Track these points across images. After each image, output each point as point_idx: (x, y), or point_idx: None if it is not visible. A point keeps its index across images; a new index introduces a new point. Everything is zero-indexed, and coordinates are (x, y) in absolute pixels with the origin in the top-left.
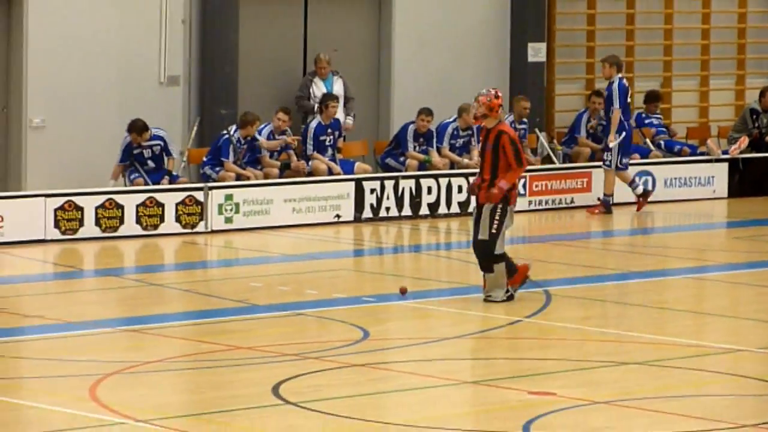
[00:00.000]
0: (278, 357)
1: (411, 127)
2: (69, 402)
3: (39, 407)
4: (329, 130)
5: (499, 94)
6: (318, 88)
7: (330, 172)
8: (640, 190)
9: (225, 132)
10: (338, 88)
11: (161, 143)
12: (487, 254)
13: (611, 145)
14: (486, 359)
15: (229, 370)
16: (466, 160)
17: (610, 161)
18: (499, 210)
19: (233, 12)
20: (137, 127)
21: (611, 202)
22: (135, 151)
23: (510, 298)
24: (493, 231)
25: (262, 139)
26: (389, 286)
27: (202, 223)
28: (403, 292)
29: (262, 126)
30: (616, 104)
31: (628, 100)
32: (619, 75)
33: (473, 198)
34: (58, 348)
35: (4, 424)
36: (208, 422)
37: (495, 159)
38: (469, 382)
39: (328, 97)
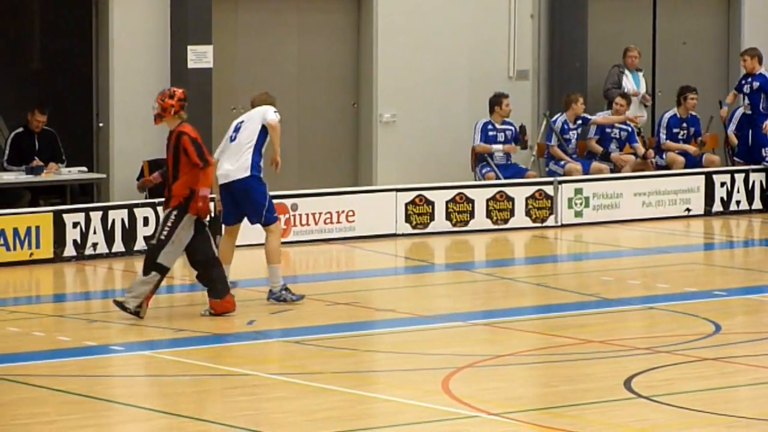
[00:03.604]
0: (630, 351)
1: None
2: (421, 395)
3: (392, 400)
4: (684, 124)
5: (176, 94)
6: (628, 81)
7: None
8: None
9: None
10: (642, 83)
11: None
12: (150, 258)
13: None
14: None
15: (581, 364)
16: None
17: None
18: (173, 217)
19: (582, 6)
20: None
21: None
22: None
23: (136, 313)
24: (161, 237)
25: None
26: (740, 280)
27: (552, 217)
28: None
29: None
30: None
31: None
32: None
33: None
34: (410, 341)
35: (357, 417)
36: (559, 416)
37: (176, 161)
38: None
39: (687, 90)
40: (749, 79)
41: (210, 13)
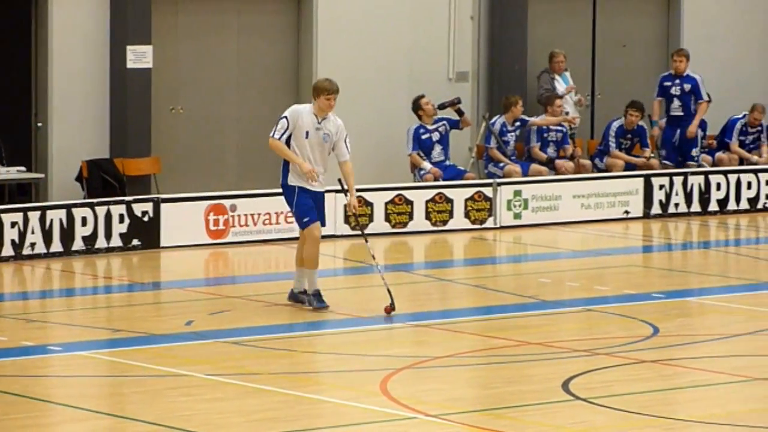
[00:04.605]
0: (568, 353)
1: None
2: (360, 397)
3: (330, 401)
4: (629, 135)
5: None
6: (560, 84)
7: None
8: None
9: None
10: (571, 84)
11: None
12: None
13: None
14: None
15: (520, 366)
16: (755, 157)
17: None
18: None
19: (522, 8)
20: None
21: None
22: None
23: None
24: None
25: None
26: (678, 282)
27: (491, 219)
28: (389, 311)
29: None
30: None
31: None
32: None
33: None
34: (349, 343)
35: (296, 418)
36: (498, 417)
37: None
38: (759, 378)
39: (630, 105)
40: (677, 81)
41: (150, 14)
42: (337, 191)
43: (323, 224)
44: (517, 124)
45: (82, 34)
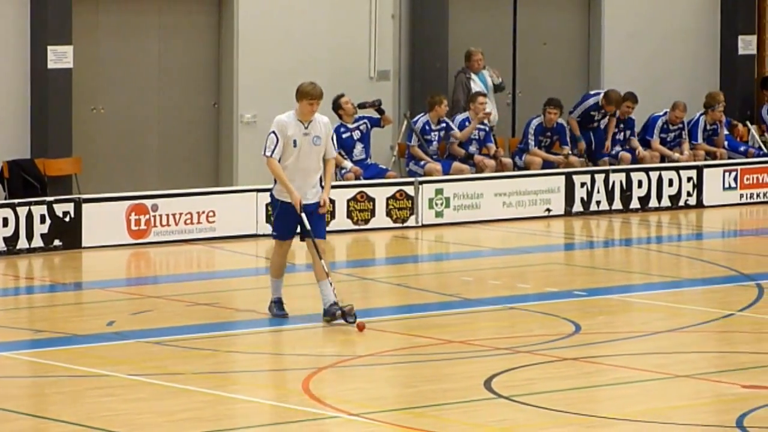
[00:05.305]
0: (490, 351)
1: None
2: (282, 396)
3: (252, 401)
4: (548, 133)
5: None
6: (476, 84)
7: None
8: None
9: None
10: (489, 82)
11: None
12: None
13: None
14: (698, 353)
15: (442, 364)
16: (676, 155)
17: None
18: None
19: (442, 6)
20: None
21: None
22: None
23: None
24: None
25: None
26: (600, 280)
27: (412, 218)
28: (361, 328)
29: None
30: None
31: None
32: None
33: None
34: (271, 342)
35: (218, 417)
36: (420, 416)
37: None
38: (681, 375)
39: (548, 103)
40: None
41: (70, 14)
42: (258, 191)
43: (322, 236)
44: (442, 124)
45: (2, 35)
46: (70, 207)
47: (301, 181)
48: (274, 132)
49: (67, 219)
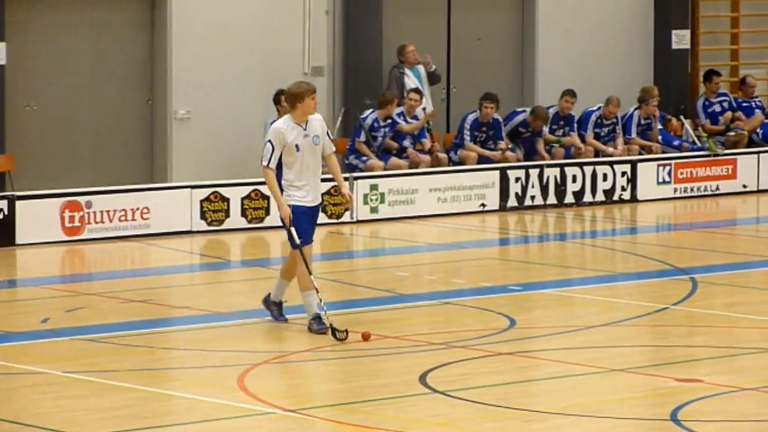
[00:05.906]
0: (425, 346)
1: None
2: (217, 392)
3: (188, 397)
4: (484, 128)
5: None
6: (410, 79)
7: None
8: None
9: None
10: (423, 74)
11: None
12: None
13: None
14: (632, 347)
15: (377, 360)
16: (610, 149)
17: None
18: None
19: (376, 2)
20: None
21: None
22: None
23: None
24: None
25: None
26: (535, 274)
27: (347, 213)
28: (365, 337)
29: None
30: None
31: None
32: None
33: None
34: (206, 339)
35: (153, 414)
36: (355, 411)
37: None
38: (616, 369)
39: (484, 97)
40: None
41: (2, 10)
42: (192, 187)
43: (311, 240)
44: (389, 121)
45: None
46: (3, 204)
47: (312, 182)
48: (270, 141)
49: (0, 216)
